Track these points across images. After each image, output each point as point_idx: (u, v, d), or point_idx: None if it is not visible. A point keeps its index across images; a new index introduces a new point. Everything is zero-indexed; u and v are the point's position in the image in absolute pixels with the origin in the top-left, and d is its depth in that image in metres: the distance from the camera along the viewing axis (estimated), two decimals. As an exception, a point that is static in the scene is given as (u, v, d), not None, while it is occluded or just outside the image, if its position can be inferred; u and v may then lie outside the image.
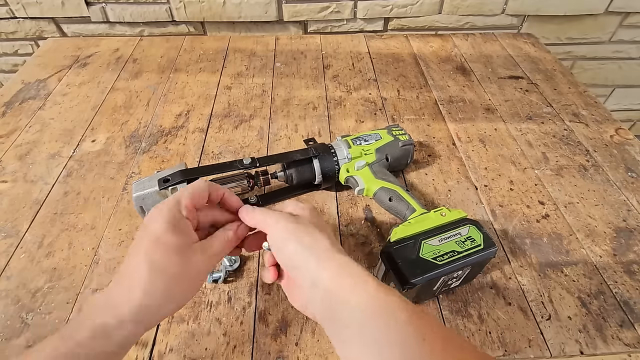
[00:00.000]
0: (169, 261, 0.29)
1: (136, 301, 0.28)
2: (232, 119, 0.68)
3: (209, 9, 0.90)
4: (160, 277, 0.29)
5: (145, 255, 0.29)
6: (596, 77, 1.11)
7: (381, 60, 0.84)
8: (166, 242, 0.29)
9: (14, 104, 0.71)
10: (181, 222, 0.30)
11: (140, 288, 0.28)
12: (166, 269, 0.29)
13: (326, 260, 0.29)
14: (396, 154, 0.53)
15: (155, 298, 0.29)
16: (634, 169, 0.59)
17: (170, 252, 0.29)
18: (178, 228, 0.30)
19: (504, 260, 0.48)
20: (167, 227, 0.29)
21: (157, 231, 0.29)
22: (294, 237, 0.31)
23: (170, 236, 0.29)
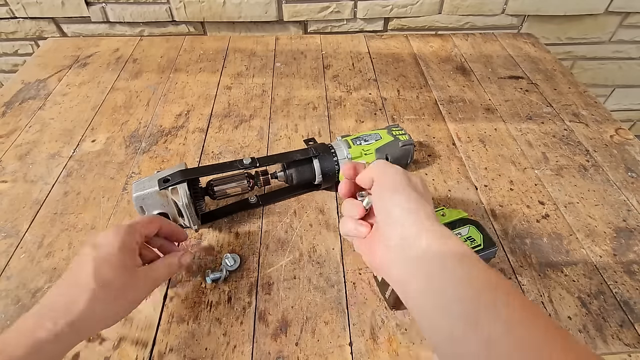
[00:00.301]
0: (115, 277, 0.32)
1: (76, 313, 0.29)
2: (232, 119, 0.68)
3: (209, 9, 0.90)
4: (105, 291, 0.31)
5: (94, 269, 0.31)
6: (596, 77, 1.11)
7: (381, 60, 0.84)
8: (117, 260, 0.32)
9: (14, 104, 0.71)
10: (132, 246, 0.34)
11: (84, 299, 0.30)
12: (112, 284, 0.32)
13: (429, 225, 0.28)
14: (396, 154, 0.53)
15: (95, 311, 0.31)
16: (634, 169, 0.59)
17: (118, 270, 0.32)
18: (129, 251, 0.34)
19: (504, 260, 0.48)
20: (119, 247, 0.33)
21: (110, 250, 0.32)
22: (404, 193, 0.30)
23: (122, 256, 0.33)
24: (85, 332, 0.31)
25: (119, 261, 0.33)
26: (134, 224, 0.36)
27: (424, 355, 0.39)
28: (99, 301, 0.31)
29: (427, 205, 0.30)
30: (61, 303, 0.30)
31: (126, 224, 0.35)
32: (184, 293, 0.44)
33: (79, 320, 0.29)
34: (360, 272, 0.46)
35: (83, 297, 0.30)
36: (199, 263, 0.47)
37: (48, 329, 0.28)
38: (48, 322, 0.29)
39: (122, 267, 0.33)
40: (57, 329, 0.28)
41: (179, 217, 0.45)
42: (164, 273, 0.37)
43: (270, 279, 0.45)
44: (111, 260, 0.32)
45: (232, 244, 0.49)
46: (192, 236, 0.50)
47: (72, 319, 0.29)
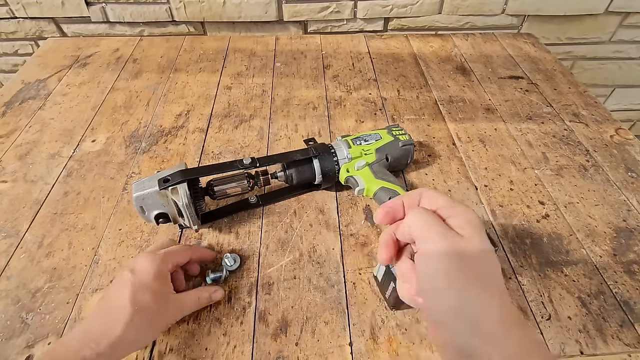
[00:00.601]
0: (151, 303, 0.35)
1: (115, 336, 0.33)
2: (232, 119, 0.68)
3: (209, 9, 0.90)
4: (141, 315, 0.34)
5: (132, 294, 0.34)
6: (596, 77, 1.11)
7: (381, 60, 0.84)
8: (153, 288, 0.36)
9: (14, 104, 0.71)
10: (165, 273, 0.38)
11: (122, 323, 0.33)
12: (147, 309, 0.35)
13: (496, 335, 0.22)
14: (396, 154, 0.53)
15: (132, 333, 0.34)
16: (634, 169, 0.59)
17: (153, 296, 0.35)
18: (163, 278, 0.37)
19: (504, 260, 0.48)
20: (155, 275, 0.36)
21: (146, 277, 0.36)
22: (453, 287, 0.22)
23: (157, 283, 0.36)
24: (122, 352, 0.34)
25: (154, 288, 0.36)
26: (170, 254, 0.39)
27: (424, 355, 0.39)
28: (134, 324, 0.34)
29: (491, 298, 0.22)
30: (103, 325, 0.33)
31: (162, 253, 0.39)
32: (184, 293, 0.44)
33: (118, 341, 0.33)
34: (360, 272, 0.46)
35: (121, 321, 0.33)
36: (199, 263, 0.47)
37: (91, 348, 0.32)
38: (92, 342, 0.32)
39: (157, 294, 0.36)
40: (99, 349, 0.32)
41: (179, 217, 0.45)
42: (194, 304, 0.40)
43: (270, 279, 0.45)
44: (148, 286, 0.36)
45: (232, 244, 0.49)
46: (192, 236, 0.50)
47: (112, 341, 0.32)
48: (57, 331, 0.41)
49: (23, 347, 0.39)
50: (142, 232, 0.50)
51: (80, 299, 0.43)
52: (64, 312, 0.42)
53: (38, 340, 0.40)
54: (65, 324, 0.41)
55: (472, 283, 0.22)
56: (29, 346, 0.39)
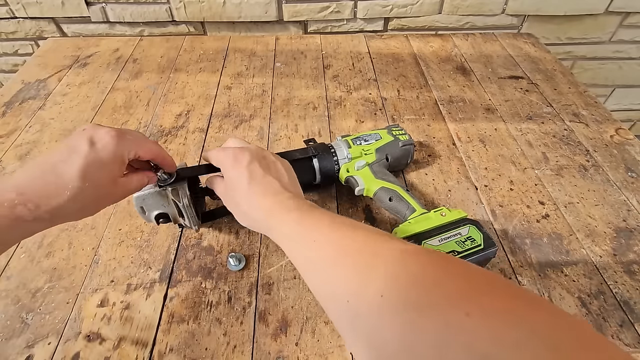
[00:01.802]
0: (101, 183, 0.33)
1: (57, 204, 0.31)
2: (232, 119, 0.68)
3: (209, 9, 0.90)
4: (87, 191, 0.32)
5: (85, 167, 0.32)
6: (596, 77, 1.11)
7: (381, 60, 0.84)
8: (108, 167, 0.33)
9: (14, 104, 0.71)
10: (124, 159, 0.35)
11: (66, 194, 0.31)
12: (95, 188, 0.33)
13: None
14: (396, 154, 0.53)
15: (74, 207, 0.32)
16: (634, 169, 0.59)
17: (105, 177, 0.33)
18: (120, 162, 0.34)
19: (504, 260, 0.48)
20: (114, 156, 0.33)
21: (105, 155, 0.33)
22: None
23: (113, 165, 0.34)
24: (58, 221, 0.33)
25: (109, 168, 0.33)
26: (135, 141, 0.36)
27: (424, 355, 0.39)
28: (79, 200, 0.32)
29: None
30: (44, 189, 0.31)
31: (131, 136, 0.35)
32: (184, 293, 0.44)
33: (59, 209, 0.31)
34: (360, 272, 0.46)
35: (66, 192, 0.31)
36: (199, 263, 0.47)
37: (29, 209, 0.30)
38: (30, 203, 0.30)
39: (109, 176, 0.34)
40: (37, 213, 0.30)
41: (179, 217, 0.45)
42: (136, 187, 0.38)
43: (270, 279, 0.45)
44: (102, 165, 0.33)
45: (232, 244, 0.49)
46: (192, 236, 0.50)
47: (53, 207, 0.31)
48: (57, 331, 0.41)
49: (23, 347, 0.39)
50: (142, 232, 0.50)
51: (80, 299, 0.43)
52: (64, 312, 0.42)
53: (38, 340, 0.40)
54: (65, 324, 0.41)
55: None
56: (29, 346, 0.39)
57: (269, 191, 0.36)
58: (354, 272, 0.25)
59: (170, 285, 0.45)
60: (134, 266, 0.46)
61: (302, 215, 0.32)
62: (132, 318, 0.42)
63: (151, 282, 0.45)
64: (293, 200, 0.35)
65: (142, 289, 0.44)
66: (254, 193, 0.36)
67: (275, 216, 0.34)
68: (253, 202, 0.36)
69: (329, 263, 0.27)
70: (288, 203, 0.34)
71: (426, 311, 0.20)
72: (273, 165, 0.39)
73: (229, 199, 0.40)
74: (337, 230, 0.29)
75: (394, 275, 0.23)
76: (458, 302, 0.20)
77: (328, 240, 0.29)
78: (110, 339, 0.40)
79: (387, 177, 0.50)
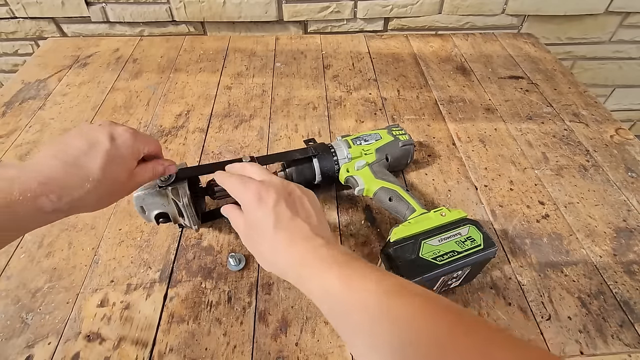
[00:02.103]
0: (119, 176, 0.35)
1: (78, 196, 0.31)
2: (232, 119, 0.68)
3: (209, 9, 0.90)
4: (105, 185, 0.33)
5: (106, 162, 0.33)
6: (596, 77, 1.11)
7: (381, 60, 0.84)
8: (126, 162, 0.35)
9: (14, 104, 0.71)
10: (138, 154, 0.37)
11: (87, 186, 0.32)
12: (114, 182, 0.34)
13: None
14: (396, 154, 0.53)
15: (92, 199, 0.33)
16: (634, 169, 0.59)
17: (124, 171, 0.35)
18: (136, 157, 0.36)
19: (504, 260, 0.48)
20: (132, 151, 0.35)
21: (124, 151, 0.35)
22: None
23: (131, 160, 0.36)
24: (73, 212, 0.33)
25: (127, 163, 0.35)
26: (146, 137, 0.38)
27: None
28: (97, 192, 0.33)
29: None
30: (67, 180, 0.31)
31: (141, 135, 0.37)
32: (184, 293, 0.44)
33: (78, 201, 0.32)
34: (360, 272, 0.46)
35: (87, 185, 0.32)
36: (199, 263, 0.47)
37: (52, 201, 0.30)
38: (52, 194, 0.30)
39: (127, 170, 0.35)
40: (58, 205, 0.31)
41: (179, 217, 0.45)
42: (149, 176, 0.39)
43: (270, 279, 0.45)
44: (122, 160, 0.35)
45: (232, 244, 0.49)
46: (192, 236, 0.50)
47: (73, 199, 0.31)
48: (57, 331, 0.41)
49: (23, 347, 0.39)
50: (142, 232, 0.50)
51: (80, 299, 0.43)
52: (64, 312, 0.42)
53: (38, 340, 0.40)
54: (65, 324, 0.41)
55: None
56: (29, 346, 0.39)
57: (298, 237, 0.32)
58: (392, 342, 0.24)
59: (170, 285, 0.45)
60: (134, 266, 0.47)
61: (342, 272, 0.29)
62: (132, 318, 0.42)
63: (151, 282, 0.45)
64: (326, 249, 0.31)
65: (142, 289, 0.44)
66: (281, 239, 0.32)
67: (308, 267, 0.30)
68: (279, 248, 0.33)
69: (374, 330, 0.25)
70: (321, 252, 0.31)
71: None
72: (300, 204, 0.35)
73: (248, 239, 0.36)
74: (386, 295, 0.26)
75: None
76: None
77: (376, 305, 0.26)
78: (110, 339, 0.40)
79: (387, 177, 0.50)
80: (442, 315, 0.24)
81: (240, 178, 0.37)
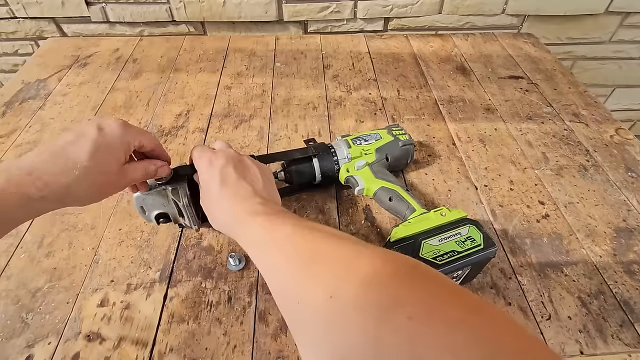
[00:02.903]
0: (108, 165, 0.34)
1: (65, 184, 0.31)
2: (232, 119, 0.68)
3: (209, 9, 0.90)
4: (94, 172, 0.33)
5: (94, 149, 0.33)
6: (596, 77, 1.11)
7: (381, 60, 0.84)
8: (115, 152, 0.34)
9: (14, 104, 0.71)
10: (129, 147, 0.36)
11: (75, 174, 0.32)
12: (102, 170, 0.34)
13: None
14: (396, 154, 0.53)
15: (80, 189, 0.33)
16: (634, 169, 0.59)
17: (112, 161, 0.34)
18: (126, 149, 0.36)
19: (504, 260, 0.48)
20: (121, 142, 0.35)
21: (113, 140, 0.34)
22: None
23: (119, 151, 0.35)
24: (65, 202, 0.33)
25: (116, 153, 0.35)
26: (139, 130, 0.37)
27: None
28: (85, 179, 0.32)
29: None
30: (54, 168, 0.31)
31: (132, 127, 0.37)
32: (184, 293, 0.44)
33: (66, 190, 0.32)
34: (360, 272, 0.46)
35: (74, 172, 0.32)
36: (199, 263, 0.47)
37: (38, 188, 0.30)
38: (39, 181, 0.30)
39: (116, 160, 0.35)
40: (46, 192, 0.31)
41: (179, 217, 0.45)
42: (141, 176, 0.39)
43: (270, 279, 0.45)
44: (111, 149, 0.34)
45: (232, 244, 0.49)
46: (192, 236, 0.50)
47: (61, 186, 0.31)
48: (57, 331, 0.41)
49: (23, 347, 0.39)
50: (142, 232, 0.50)
51: (80, 299, 0.43)
52: (64, 312, 0.42)
53: (38, 340, 0.40)
54: (65, 324, 0.41)
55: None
56: (29, 346, 0.39)
57: (240, 196, 0.35)
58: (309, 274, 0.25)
59: (170, 285, 0.45)
60: (134, 266, 0.47)
61: (269, 219, 0.32)
62: (132, 318, 0.42)
63: (151, 282, 0.45)
64: (262, 206, 0.34)
65: (142, 289, 0.44)
66: (224, 196, 0.36)
67: (241, 220, 0.33)
68: (222, 205, 0.36)
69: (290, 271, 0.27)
70: (256, 208, 0.34)
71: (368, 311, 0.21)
72: (247, 170, 0.38)
73: (202, 201, 0.39)
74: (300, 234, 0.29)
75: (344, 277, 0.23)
76: (404, 305, 0.20)
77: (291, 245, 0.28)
78: (110, 339, 0.40)
79: (387, 177, 0.50)
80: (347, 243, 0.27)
81: (200, 148, 0.40)
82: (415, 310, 0.20)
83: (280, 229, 0.30)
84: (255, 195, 0.35)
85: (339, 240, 0.27)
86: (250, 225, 0.32)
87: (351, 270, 0.23)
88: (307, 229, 0.29)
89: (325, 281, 0.23)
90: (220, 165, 0.37)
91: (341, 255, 0.25)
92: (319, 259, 0.26)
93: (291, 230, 0.30)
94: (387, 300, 0.21)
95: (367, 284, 0.22)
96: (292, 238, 0.29)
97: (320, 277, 0.24)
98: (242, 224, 0.33)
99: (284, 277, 0.27)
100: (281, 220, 0.31)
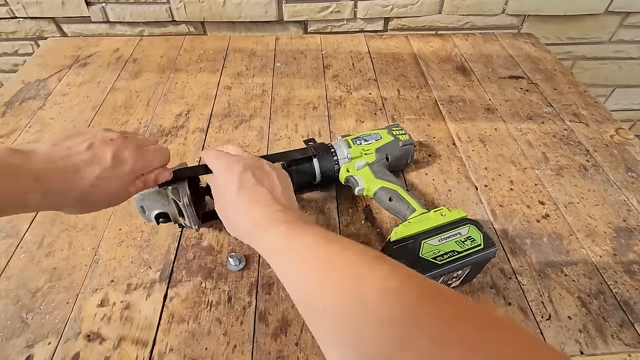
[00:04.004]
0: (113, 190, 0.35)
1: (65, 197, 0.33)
2: (232, 119, 0.68)
3: (209, 9, 0.90)
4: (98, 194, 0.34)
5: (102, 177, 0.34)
6: (596, 77, 1.11)
7: (381, 60, 0.84)
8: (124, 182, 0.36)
9: (14, 104, 0.71)
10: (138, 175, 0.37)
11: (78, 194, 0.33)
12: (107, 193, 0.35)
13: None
14: (396, 154, 0.53)
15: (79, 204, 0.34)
16: (634, 169, 0.59)
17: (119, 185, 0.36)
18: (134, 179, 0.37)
19: (504, 260, 0.48)
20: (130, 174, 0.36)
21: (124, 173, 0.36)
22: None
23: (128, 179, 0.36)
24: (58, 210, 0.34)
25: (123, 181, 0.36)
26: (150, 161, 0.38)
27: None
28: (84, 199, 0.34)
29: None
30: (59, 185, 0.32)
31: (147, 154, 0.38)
32: (184, 293, 0.44)
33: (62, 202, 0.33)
34: (360, 272, 0.46)
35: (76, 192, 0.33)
36: (199, 263, 0.47)
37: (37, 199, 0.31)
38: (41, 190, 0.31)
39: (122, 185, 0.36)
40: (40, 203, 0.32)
41: (179, 217, 0.45)
42: (141, 189, 0.39)
43: (271, 279, 0.45)
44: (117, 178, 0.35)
45: (232, 244, 0.49)
46: (192, 236, 0.50)
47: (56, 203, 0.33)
48: (57, 331, 0.41)
49: (23, 347, 0.39)
50: (142, 232, 0.50)
51: (80, 299, 0.43)
52: (64, 312, 0.42)
53: (38, 340, 0.40)
54: (65, 324, 0.41)
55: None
56: (29, 346, 0.39)
57: (258, 201, 0.35)
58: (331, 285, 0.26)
59: (170, 285, 0.45)
60: (134, 266, 0.47)
61: (289, 228, 0.31)
62: (132, 318, 0.42)
63: (151, 282, 0.45)
64: (282, 213, 0.33)
65: (142, 289, 0.44)
66: (241, 201, 0.35)
67: (261, 227, 0.33)
68: (240, 210, 0.35)
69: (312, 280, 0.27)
70: (277, 215, 0.33)
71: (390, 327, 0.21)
72: (266, 176, 0.38)
73: (217, 205, 0.39)
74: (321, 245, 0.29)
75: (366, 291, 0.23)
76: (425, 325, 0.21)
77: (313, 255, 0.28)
78: (110, 339, 0.40)
79: (387, 177, 0.50)
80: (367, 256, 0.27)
81: (216, 152, 0.40)
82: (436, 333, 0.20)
83: (302, 238, 0.30)
84: (274, 202, 0.35)
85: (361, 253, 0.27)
86: (270, 232, 0.32)
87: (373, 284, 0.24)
88: (328, 240, 0.29)
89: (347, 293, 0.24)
90: (239, 171, 0.37)
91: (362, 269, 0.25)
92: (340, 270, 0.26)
93: (313, 240, 0.30)
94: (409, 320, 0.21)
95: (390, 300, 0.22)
96: (315, 248, 0.29)
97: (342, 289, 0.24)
98: (261, 230, 0.33)
99: (305, 286, 0.27)
100: (302, 230, 0.31)
